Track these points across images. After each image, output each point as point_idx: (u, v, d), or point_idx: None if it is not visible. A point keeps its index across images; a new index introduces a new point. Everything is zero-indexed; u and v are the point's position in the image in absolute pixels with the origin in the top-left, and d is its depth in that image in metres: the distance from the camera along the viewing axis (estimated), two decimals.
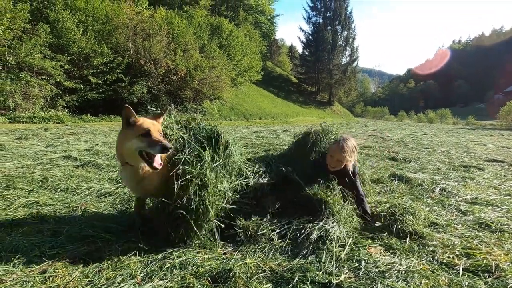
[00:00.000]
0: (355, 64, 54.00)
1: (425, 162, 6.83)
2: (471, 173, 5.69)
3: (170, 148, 2.06)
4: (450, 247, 2.29)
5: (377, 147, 9.39)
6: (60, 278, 1.72)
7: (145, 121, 2.17)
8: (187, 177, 2.24)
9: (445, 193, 3.98)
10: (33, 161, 5.07)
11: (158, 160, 2.14)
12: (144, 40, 21.10)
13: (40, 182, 3.79)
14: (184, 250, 2.15)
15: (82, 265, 1.87)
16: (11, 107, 14.24)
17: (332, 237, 2.25)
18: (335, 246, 2.16)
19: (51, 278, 1.71)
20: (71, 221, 2.63)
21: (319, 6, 51.25)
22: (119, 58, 19.22)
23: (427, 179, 4.67)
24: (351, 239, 2.29)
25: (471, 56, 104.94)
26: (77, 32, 17.37)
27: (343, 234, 2.31)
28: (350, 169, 3.05)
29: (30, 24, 15.58)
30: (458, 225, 2.80)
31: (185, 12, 29.67)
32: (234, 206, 2.41)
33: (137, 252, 2.08)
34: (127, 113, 2.13)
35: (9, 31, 14.33)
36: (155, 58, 21.07)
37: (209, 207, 2.21)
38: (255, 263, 1.94)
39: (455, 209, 3.31)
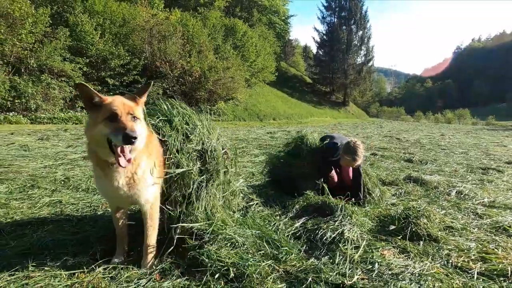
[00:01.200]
0: (370, 64, 53.41)
1: (442, 164, 6.73)
2: (490, 175, 5.59)
3: (135, 137, 1.58)
4: (466, 250, 2.28)
5: (392, 148, 9.28)
6: (85, 274, 1.81)
7: (114, 101, 1.70)
8: None
9: (461, 196, 3.94)
10: (55, 162, 5.26)
11: (127, 154, 1.67)
12: (160, 42, 21.47)
13: (63, 182, 3.95)
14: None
15: (103, 262, 1.95)
16: (33, 109, 14.72)
17: (346, 238, 2.28)
18: (349, 248, 2.19)
19: (76, 274, 1.81)
20: (92, 220, 2.74)
21: (334, 6, 50.91)
22: (135, 60, 19.64)
23: (443, 181, 4.62)
24: (364, 241, 2.31)
25: (492, 55, 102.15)
26: (95, 35, 17.86)
27: (357, 236, 2.34)
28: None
29: (50, 27, 16.10)
30: (474, 228, 2.78)
31: (200, 13, 29.97)
32: None
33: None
34: (86, 92, 1.68)
35: (31, 35, 14.85)
36: (171, 60, 21.39)
37: None
38: (269, 263, 1.98)
39: (472, 212, 3.27)
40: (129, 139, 1.57)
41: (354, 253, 2.13)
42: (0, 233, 2.38)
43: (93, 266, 1.89)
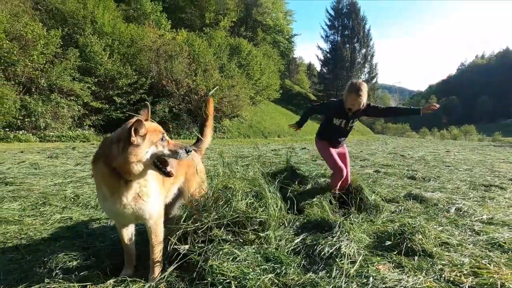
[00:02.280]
0: (374, 81, 54.06)
1: (445, 181, 6.75)
2: (492, 192, 5.61)
3: (191, 150, 1.97)
4: (459, 266, 2.36)
5: (396, 165, 9.31)
6: (96, 286, 1.93)
7: (155, 125, 1.99)
8: None
9: (460, 212, 4.00)
10: (64, 179, 5.43)
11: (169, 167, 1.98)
12: (166, 62, 21.96)
13: (72, 199, 4.10)
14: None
15: (113, 275, 2.07)
16: (42, 127, 15.07)
17: (342, 253, 2.37)
18: (345, 263, 2.28)
19: (88, 286, 1.93)
20: (102, 235, 2.87)
21: (337, 25, 52.07)
22: (142, 79, 20.06)
23: (443, 198, 4.67)
24: (361, 256, 2.40)
25: (496, 71, 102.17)
26: (104, 56, 18.34)
27: (354, 251, 2.43)
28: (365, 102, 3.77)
29: (61, 48, 16.62)
30: (469, 245, 2.85)
31: (206, 33, 30.70)
32: None
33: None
34: (141, 126, 1.82)
35: (42, 56, 15.34)
36: (177, 79, 21.82)
37: None
38: (269, 277, 2.08)
39: (469, 229, 3.33)
40: (189, 152, 1.95)
41: (350, 268, 2.23)
42: (16, 248, 2.53)
43: (103, 279, 2.02)
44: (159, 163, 1.93)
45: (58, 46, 16.38)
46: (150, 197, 2.04)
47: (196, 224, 2.30)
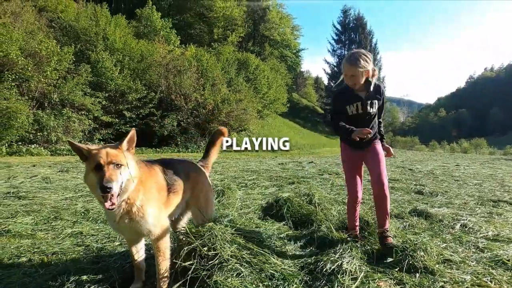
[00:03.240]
0: None
1: (453, 196, 6.68)
2: (500, 208, 5.53)
3: (110, 188, 1.76)
4: (460, 283, 2.37)
5: (404, 180, 9.23)
6: None
7: (99, 152, 1.88)
8: None
9: (465, 229, 3.99)
10: (75, 194, 5.56)
11: (114, 199, 1.85)
12: (175, 76, 22.42)
13: (83, 214, 4.22)
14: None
15: None
16: (53, 141, 15.43)
17: (344, 270, 2.41)
18: (347, 279, 2.32)
19: None
20: (111, 250, 2.96)
21: (343, 39, 52.71)
22: (151, 93, 20.51)
23: (449, 214, 4.66)
24: (362, 272, 2.43)
25: (506, 83, 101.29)
26: (115, 71, 18.85)
27: (355, 267, 2.47)
28: (373, 81, 3.12)
29: (73, 64, 17.14)
30: (472, 262, 2.85)
31: (214, 49, 31.34)
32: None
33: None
34: (75, 147, 1.91)
35: (55, 71, 15.85)
36: (185, 93, 22.22)
37: None
38: None
39: (473, 245, 3.33)
40: (104, 189, 1.76)
41: (351, 284, 2.27)
42: (29, 261, 2.63)
43: None
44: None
45: (71, 62, 16.94)
46: (146, 214, 2.07)
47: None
